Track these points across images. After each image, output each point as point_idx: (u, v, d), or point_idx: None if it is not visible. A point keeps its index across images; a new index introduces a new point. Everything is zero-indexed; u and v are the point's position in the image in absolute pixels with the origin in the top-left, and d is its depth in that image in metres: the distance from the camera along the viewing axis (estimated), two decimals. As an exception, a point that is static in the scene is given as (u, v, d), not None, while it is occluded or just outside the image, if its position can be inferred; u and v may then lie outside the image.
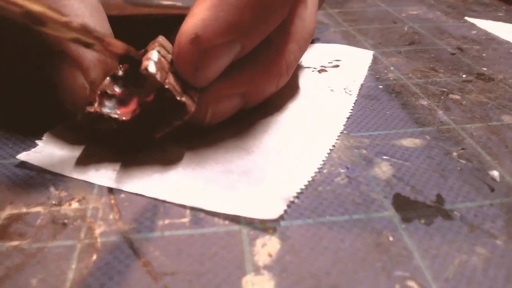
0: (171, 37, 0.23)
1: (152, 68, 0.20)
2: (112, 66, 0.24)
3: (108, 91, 0.22)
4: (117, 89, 0.23)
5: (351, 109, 0.28)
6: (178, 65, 0.21)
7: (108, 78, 0.23)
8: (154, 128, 0.22)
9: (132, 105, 0.22)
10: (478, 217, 0.20)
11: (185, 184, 0.21)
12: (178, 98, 0.21)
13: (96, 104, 0.21)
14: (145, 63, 0.20)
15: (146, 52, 0.22)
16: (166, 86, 0.20)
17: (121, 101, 0.22)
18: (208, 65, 0.21)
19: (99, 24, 0.23)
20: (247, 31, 0.21)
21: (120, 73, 0.23)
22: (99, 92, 0.22)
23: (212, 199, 0.20)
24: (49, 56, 0.23)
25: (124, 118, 0.21)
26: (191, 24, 0.20)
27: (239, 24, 0.21)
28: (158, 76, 0.20)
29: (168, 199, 0.21)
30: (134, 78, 0.23)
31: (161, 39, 0.22)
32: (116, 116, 0.21)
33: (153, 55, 0.21)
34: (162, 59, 0.21)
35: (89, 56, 0.22)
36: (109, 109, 0.22)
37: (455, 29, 0.44)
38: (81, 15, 0.23)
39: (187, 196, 0.21)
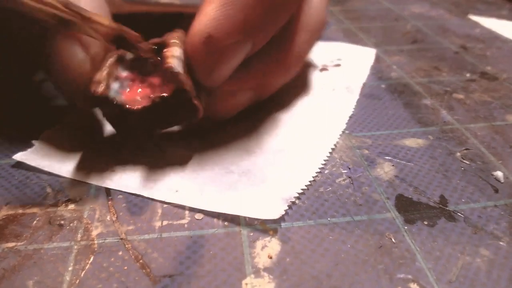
0: (168, 31, 0.22)
1: (177, 67, 0.19)
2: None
3: (114, 72, 0.21)
4: (122, 72, 0.22)
5: (353, 109, 0.28)
6: (192, 66, 0.21)
7: (113, 58, 0.21)
8: (157, 123, 0.21)
9: (136, 93, 0.21)
10: (482, 218, 0.20)
11: (184, 184, 0.21)
12: (193, 101, 0.20)
13: (103, 86, 0.20)
14: (169, 60, 0.20)
15: (163, 44, 0.21)
16: (186, 88, 0.20)
17: (124, 86, 0.21)
18: (222, 64, 0.21)
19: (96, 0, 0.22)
20: (258, 28, 0.21)
21: (129, 56, 0.22)
22: (105, 73, 0.21)
23: (212, 199, 0.20)
24: (47, 32, 0.22)
25: (133, 108, 0.20)
26: (203, 24, 0.20)
27: (251, 22, 0.20)
28: (182, 77, 0.20)
29: (167, 200, 0.20)
30: (141, 63, 0.22)
31: (181, 33, 0.22)
32: (121, 102, 0.20)
33: (177, 51, 0.20)
34: (183, 56, 0.21)
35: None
36: (114, 92, 0.21)
37: (458, 28, 0.44)
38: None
39: (186, 197, 0.20)
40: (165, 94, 0.20)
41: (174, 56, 0.20)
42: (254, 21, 0.20)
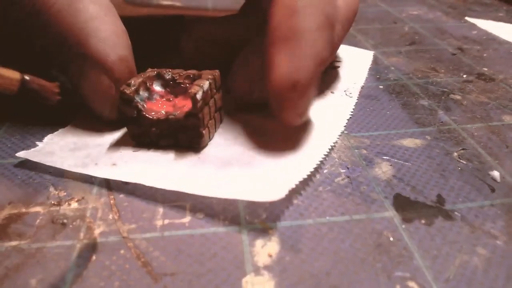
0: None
1: (199, 96, 0.22)
2: (133, 64, 0.25)
3: (148, 83, 0.24)
4: (155, 87, 0.24)
5: (351, 111, 0.28)
6: (284, 116, 0.22)
7: (153, 72, 0.24)
8: (165, 137, 0.23)
9: (158, 107, 0.24)
10: (479, 217, 0.20)
11: (184, 174, 0.21)
12: (201, 129, 0.23)
13: (132, 88, 0.23)
14: (195, 88, 0.22)
15: (198, 76, 0.24)
16: (199, 115, 0.22)
17: (152, 98, 0.24)
18: (310, 101, 0.22)
19: (114, 23, 0.24)
20: (327, 57, 0.22)
21: (168, 76, 0.24)
22: (140, 80, 0.23)
23: (212, 186, 0.20)
24: (71, 59, 0.23)
25: (149, 116, 0.23)
26: (283, 74, 0.21)
27: (320, 56, 0.21)
28: (199, 105, 0.22)
29: (167, 188, 0.20)
30: (174, 85, 0.25)
31: (217, 73, 0.24)
32: (141, 108, 0.23)
33: (205, 85, 0.23)
34: (209, 91, 0.23)
35: (111, 56, 0.23)
36: (140, 99, 0.23)
37: (455, 29, 0.44)
38: (96, 16, 0.23)
39: (186, 184, 0.21)
40: (176, 114, 0.23)
41: (201, 87, 0.22)
42: (324, 53, 0.21)
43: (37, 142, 0.24)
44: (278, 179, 0.21)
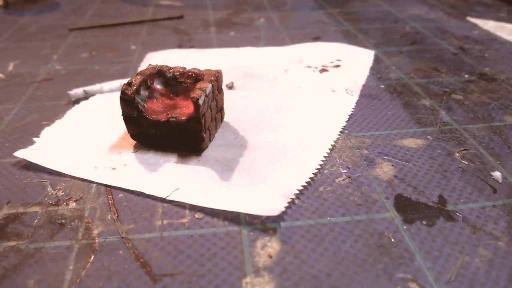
0: None
1: (201, 101, 0.22)
2: None
3: (149, 82, 0.24)
4: (156, 85, 0.24)
5: (353, 109, 0.28)
6: None
7: (154, 70, 0.24)
8: (165, 139, 0.23)
9: (159, 107, 0.24)
10: (481, 218, 0.20)
11: (185, 182, 0.21)
12: (202, 133, 0.23)
13: (133, 88, 0.22)
14: (198, 92, 0.22)
15: (200, 75, 0.24)
16: (201, 119, 0.22)
17: (152, 96, 0.24)
18: None
19: None
20: None
21: (169, 75, 0.25)
22: (140, 80, 0.23)
23: (213, 197, 0.20)
24: None
25: (149, 117, 0.23)
26: None
27: None
28: (201, 109, 0.22)
29: (168, 198, 0.20)
30: (176, 83, 0.25)
31: (219, 74, 0.24)
32: (141, 108, 0.23)
33: (208, 88, 0.23)
34: (212, 93, 0.23)
35: None
36: (140, 99, 0.23)
37: (457, 29, 0.44)
38: None
39: (187, 195, 0.20)
40: (177, 116, 0.22)
41: (203, 90, 0.22)
42: None
43: (34, 138, 0.24)
44: (278, 189, 0.21)
